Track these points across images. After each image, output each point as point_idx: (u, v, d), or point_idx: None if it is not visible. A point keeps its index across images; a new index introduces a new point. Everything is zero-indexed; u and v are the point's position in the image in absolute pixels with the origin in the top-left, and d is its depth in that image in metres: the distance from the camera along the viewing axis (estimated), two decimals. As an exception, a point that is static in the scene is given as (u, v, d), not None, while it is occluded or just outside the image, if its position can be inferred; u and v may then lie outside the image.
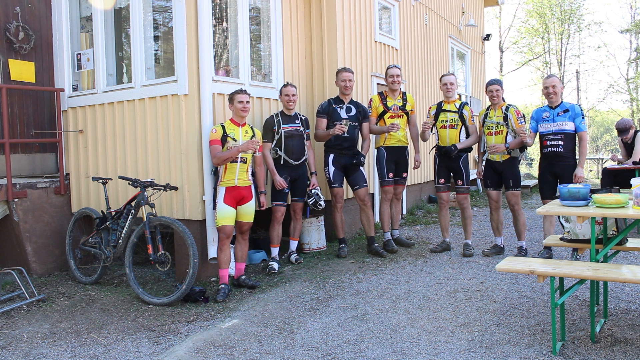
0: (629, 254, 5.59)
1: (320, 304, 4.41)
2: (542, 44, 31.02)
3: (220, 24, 5.78)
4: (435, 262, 5.73)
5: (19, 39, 6.19)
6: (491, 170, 5.88)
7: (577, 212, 3.67)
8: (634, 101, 31.08)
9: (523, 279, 4.90)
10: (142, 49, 5.46)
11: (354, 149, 5.95)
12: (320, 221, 6.30)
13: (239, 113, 4.88)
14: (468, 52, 12.41)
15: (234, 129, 4.89)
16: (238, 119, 4.92)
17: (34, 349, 3.70)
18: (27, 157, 6.42)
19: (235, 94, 4.90)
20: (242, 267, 5.04)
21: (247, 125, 4.98)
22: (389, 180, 6.25)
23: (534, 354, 3.31)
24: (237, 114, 4.90)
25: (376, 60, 7.76)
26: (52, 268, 5.68)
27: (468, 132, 6.05)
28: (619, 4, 53.00)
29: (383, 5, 8.15)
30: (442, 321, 3.94)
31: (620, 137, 8.15)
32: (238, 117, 4.92)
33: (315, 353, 3.46)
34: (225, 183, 4.82)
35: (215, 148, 4.79)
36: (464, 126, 6.03)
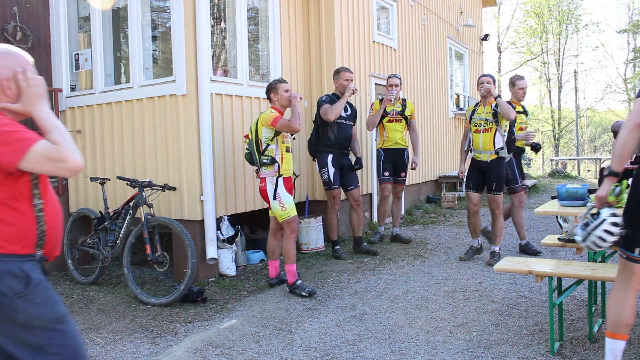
0: (627, 254, 5.59)
1: (318, 304, 4.41)
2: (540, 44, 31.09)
3: (219, 24, 5.78)
4: (433, 262, 5.73)
5: (16, 39, 6.18)
6: (475, 171, 5.63)
7: (575, 212, 3.67)
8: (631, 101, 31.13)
9: (521, 279, 4.90)
10: (140, 49, 5.46)
11: (349, 149, 6.04)
12: (318, 221, 6.31)
13: (283, 102, 4.79)
14: (466, 52, 12.42)
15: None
16: (283, 108, 4.83)
17: (32, 350, 3.69)
18: (25, 158, 6.40)
19: (280, 82, 4.82)
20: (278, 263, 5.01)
21: None
22: (385, 178, 6.54)
23: (532, 354, 3.32)
24: (283, 103, 4.80)
25: (374, 60, 7.77)
26: (50, 268, 5.67)
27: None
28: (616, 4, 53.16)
29: (381, 6, 8.16)
30: (440, 321, 3.95)
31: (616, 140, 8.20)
32: (284, 107, 4.83)
33: (313, 353, 3.46)
34: (283, 173, 4.71)
35: (282, 120, 4.61)
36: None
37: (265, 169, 4.69)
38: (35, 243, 1.98)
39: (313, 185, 6.74)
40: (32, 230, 1.96)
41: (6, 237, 1.90)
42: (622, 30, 31.96)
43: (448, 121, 11.05)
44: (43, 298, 1.97)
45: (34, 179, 1.96)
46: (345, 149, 5.95)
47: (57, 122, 1.96)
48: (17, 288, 1.91)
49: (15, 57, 2.01)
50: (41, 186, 1.99)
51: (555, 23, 30.45)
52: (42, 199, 1.99)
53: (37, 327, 1.93)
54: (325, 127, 5.82)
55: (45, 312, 1.96)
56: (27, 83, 1.98)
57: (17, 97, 1.98)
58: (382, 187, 6.60)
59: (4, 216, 1.90)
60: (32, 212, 1.96)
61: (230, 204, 5.48)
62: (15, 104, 1.98)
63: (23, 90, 1.97)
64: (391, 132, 6.51)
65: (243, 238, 5.89)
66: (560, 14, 30.29)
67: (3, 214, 1.90)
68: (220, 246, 5.31)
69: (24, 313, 1.91)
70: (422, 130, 9.10)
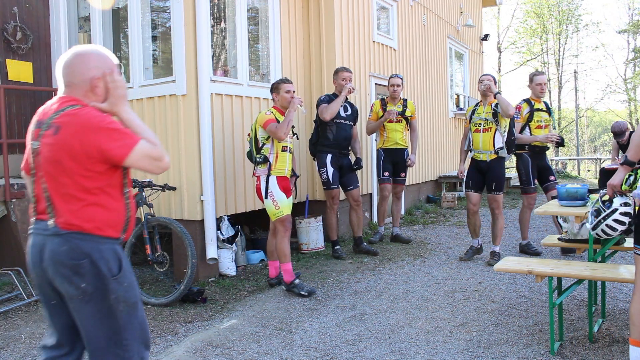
0: (627, 254, 5.60)
1: (318, 304, 4.41)
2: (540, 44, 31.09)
3: (219, 24, 5.78)
4: (433, 262, 5.73)
5: (16, 39, 6.18)
6: (475, 171, 5.63)
7: (575, 212, 3.68)
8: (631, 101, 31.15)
9: (521, 279, 4.90)
10: (140, 49, 5.46)
11: (349, 149, 6.02)
12: (318, 221, 6.30)
13: (285, 103, 4.80)
14: (466, 52, 12.42)
15: (280, 118, 4.81)
16: (284, 108, 4.83)
17: (32, 350, 3.70)
18: (25, 158, 6.41)
19: (283, 82, 4.83)
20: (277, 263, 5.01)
21: None
22: (385, 178, 6.55)
23: (532, 354, 3.32)
24: (284, 103, 4.81)
25: (374, 60, 7.77)
26: (50, 268, 5.66)
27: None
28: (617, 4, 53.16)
29: (381, 6, 8.16)
30: (440, 321, 3.95)
31: (616, 140, 8.18)
32: (285, 107, 4.83)
33: (313, 353, 3.46)
34: (276, 172, 4.72)
35: (272, 125, 4.64)
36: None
37: (260, 168, 4.74)
38: (122, 228, 2.16)
39: (313, 185, 6.74)
40: (123, 215, 2.15)
41: (105, 221, 2.08)
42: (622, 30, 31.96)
43: (448, 121, 11.05)
44: (129, 282, 2.14)
45: (124, 170, 2.14)
46: (345, 149, 5.94)
47: (143, 124, 2.18)
48: (113, 270, 2.07)
49: (105, 59, 2.14)
50: (128, 177, 2.19)
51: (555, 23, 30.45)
52: (128, 188, 2.18)
53: (121, 310, 2.09)
54: (324, 127, 5.81)
55: (129, 296, 2.12)
56: (114, 85, 2.13)
57: (104, 97, 2.14)
58: (382, 187, 6.60)
59: (104, 202, 2.08)
60: (123, 199, 2.16)
61: (230, 204, 5.48)
62: (102, 103, 2.13)
63: (110, 91, 2.12)
64: (391, 132, 6.51)
65: (243, 238, 5.89)
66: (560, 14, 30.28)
67: (103, 200, 2.08)
68: (220, 246, 5.31)
69: (115, 294, 2.07)
70: (422, 130, 9.10)
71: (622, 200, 2.81)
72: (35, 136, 2.10)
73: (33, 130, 2.12)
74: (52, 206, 2.06)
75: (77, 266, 2.01)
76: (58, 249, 2.03)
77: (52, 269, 2.05)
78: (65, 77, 2.12)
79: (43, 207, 2.09)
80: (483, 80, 5.60)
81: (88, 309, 2.06)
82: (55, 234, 2.03)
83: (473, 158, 5.68)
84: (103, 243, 2.07)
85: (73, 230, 2.03)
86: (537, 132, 5.80)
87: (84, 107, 2.06)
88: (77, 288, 2.03)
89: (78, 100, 2.09)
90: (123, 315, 2.10)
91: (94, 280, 2.03)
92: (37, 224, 2.11)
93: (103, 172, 2.05)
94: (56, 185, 2.05)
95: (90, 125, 2.01)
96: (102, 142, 2.00)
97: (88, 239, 2.04)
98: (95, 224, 2.05)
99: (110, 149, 2.00)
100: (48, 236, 2.05)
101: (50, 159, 2.04)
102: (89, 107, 2.08)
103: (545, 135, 5.76)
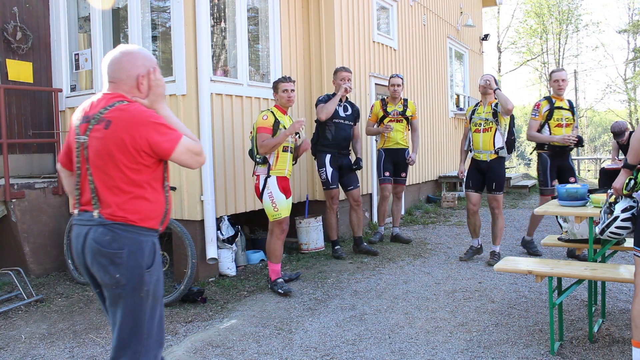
0: (627, 254, 5.60)
1: (318, 304, 4.41)
2: (540, 44, 31.08)
3: (219, 24, 5.77)
4: (433, 262, 5.73)
5: (16, 39, 6.18)
6: (475, 171, 5.61)
7: (575, 212, 3.68)
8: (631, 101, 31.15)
9: (521, 279, 4.90)
10: (140, 49, 5.45)
11: (349, 149, 6.00)
12: (318, 221, 6.30)
13: (284, 102, 4.81)
14: (466, 52, 12.42)
15: (282, 117, 4.81)
16: (284, 107, 4.85)
17: (32, 350, 3.70)
18: (25, 158, 6.41)
19: (281, 82, 4.83)
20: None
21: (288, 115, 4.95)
22: (385, 178, 6.55)
23: (532, 354, 3.32)
24: (282, 102, 4.83)
25: (374, 60, 7.77)
26: (50, 268, 5.67)
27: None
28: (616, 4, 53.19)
29: (381, 6, 8.16)
30: (440, 321, 3.95)
31: (616, 140, 8.18)
32: (285, 106, 4.85)
33: (313, 353, 3.46)
34: (276, 172, 4.72)
35: (263, 136, 4.65)
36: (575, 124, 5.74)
37: (260, 167, 4.76)
38: (160, 220, 2.27)
39: (313, 185, 6.74)
40: (162, 208, 2.26)
41: (148, 212, 2.19)
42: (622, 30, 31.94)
43: (448, 121, 11.05)
44: (158, 276, 2.24)
45: (165, 164, 2.28)
46: (344, 149, 5.93)
47: (179, 121, 2.34)
48: (149, 261, 2.18)
49: (150, 58, 2.29)
50: (167, 171, 2.31)
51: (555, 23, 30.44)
52: (167, 182, 2.31)
53: (148, 303, 2.18)
54: (323, 127, 5.81)
55: (157, 290, 2.22)
56: (156, 82, 2.27)
57: (146, 94, 2.27)
58: (383, 187, 6.60)
59: (148, 195, 2.19)
60: (163, 192, 2.28)
61: (230, 204, 5.48)
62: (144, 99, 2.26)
63: (152, 88, 2.27)
64: (392, 132, 6.50)
65: (243, 238, 5.89)
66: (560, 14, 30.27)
67: (147, 192, 2.19)
68: (220, 246, 5.31)
69: (147, 287, 2.16)
70: (422, 130, 9.09)
71: (623, 205, 2.83)
72: (83, 131, 2.18)
73: (79, 125, 2.20)
74: (97, 198, 2.15)
75: (115, 255, 2.10)
76: (100, 238, 2.12)
77: (90, 257, 2.15)
78: (111, 73, 2.23)
79: (87, 199, 2.18)
80: (484, 76, 5.62)
81: (120, 299, 2.14)
82: (99, 224, 2.13)
83: (473, 158, 5.67)
84: (143, 235, 2.17)
85: (117, 221, 2.12)
86: (556, 130, 5.61)
87: (132, 103, 2.19)
88: (112, 277, 2.12)
89: (124, 97, 2.20)
90: (148, 309, 2.17)
91: (128, 272, 2.12)
92: (81, 215, 2.20)
93: (149, 165, 2.17)
94: (104, 177, 2.14)
95: (140, 120, 2.12)
96: (151, 136, 2.12)
97: (130, 229, 2.14)
98: (140, 215, 2.16)
99: (158, 143, 2.13)
100: (92, 226, 2.14)
101: (100, 152, 2.13)
102: (136, 102, 2.20)
103: (562, 136, 5.53)
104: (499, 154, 5.48)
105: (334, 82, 5.91)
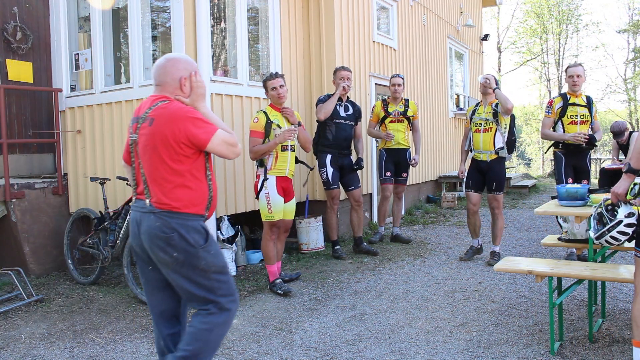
0: (627, 254, 5.60)
1: (318, 304, 4.41)
2: (540, 44, 31.04)
3: (219, 24, 5.78)
4: (433, 262, 5.73)
5: (16, 39, 6.18)
6: (475, 171, 5.60)
7: (575, 212, 3.68)
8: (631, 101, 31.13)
9: (521, 279, 4.90)
10: (140, 49, 5.46)
11: (350, 149, 5.99)
12: (318, 221, 6.30)
13: (276, 100, 4.76)
14: (466, 52, 12.42)
15: (277, 115, 4.75)
16: (277, 105, 4.80)
17: (32, 350, 3.70)
18: (25, 158, 6.41)
19: (267, 80, 4.76)
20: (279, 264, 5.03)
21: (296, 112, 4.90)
22: (387, 178, 6.55)
23: (532, 354, 3.32)
24: (274, 101, 4.78)
25: (374, 60, 7.77)
26: (50, 268, 5.67)
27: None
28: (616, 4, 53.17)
29: (381, 6, 8.16)
30: (440, 321, 3.95)
31: (616, 140, 8.18)
32: (277, 104, 4.80)
33: (313, 353, 3.46)
34: (275, 172, 4.68)
35: (254, 141, 4.60)
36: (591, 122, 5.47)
37: (259, 168, 4.76)
38: (206, 206, 2.56)
39: (313, 185, 6.74)
40: (206, 195, 2.54)
41: (191, 199, 2.47)
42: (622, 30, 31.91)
43: (448, 121, 11.05)
44: (215, 250, 2.56)
45: (206, 155, 2.54)
46: (345, 149, 5.92)
47: (218, 117, 2.64)
48: (200, 241, 2.48)
49: (191, 63, 2.61)
50: (209, 162, 2.57)
51: (555, 23, 30.40)
52: (209, 171, 2.56)
53: (212, 272, 2.50)
54: (324, 126, 5.81)
55: (217, 261, 2.54)
56: (197, 84, 2.58)
57: (188, 93, 2.58)
58: (384, 187, 6.60)
59: (189, 183, 2.47)
60: (206, 181, 2.55)
61: (230, 204, 5.48)
62: (186, 99, 2.56)
63: (193, 89, 2.58)
64: (393, 133, 6.48)
65: (243, 238, 5.89)
66: (560, 14, 30.24)
67: (189, 181, 2.47)
68: (221, 246, 5.31)
69: (204, 261, 2.48)
70: (422, 130, 9.08)
71: (626, 210, 2.79)
72: (134, 129, 2.52)
73: (131, 125, 2.55)
74: (148, 188, 2.47)
75: (169, 238, 2.41)
76: (153, 224, 2.43)
77: (148, 241, 2.46)
78: (157, 77, 2.55)
79: (142, 189, 2.52)
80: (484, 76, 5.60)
81: (182, 273, 2.46)
82: (150, 212, 2.45)
83: (473, 158, 5.67)
84: (189, 219, 2.46)
85: (164, 209, 2.43)
86: (570, 128, 5.42)
87: (172, 102, 2.49)
88: (171, 256, 2.43)
89: (166, 97, 2.52)
90: (214, 275, 2.50)
91: (183, 251, 2.43)
92: (136, 202, 2.55)
93: (189, 156, 2.44)
94: (151, 169, 2.45)
95: (179, 115, 2.42)
96: (189, 129, 2.40)
97: (177, 216, 2.44)
98: (183, 202, 2.44)
99: (196, 134, 2.41)
100: (144, 213, 2.47)
101: (147, 147, 2.45)
102: (176, 101, 2.51)
103: (573, 134, 5.34)
104: (499, 154, 5.48)
105: (334, 81, 5.91)
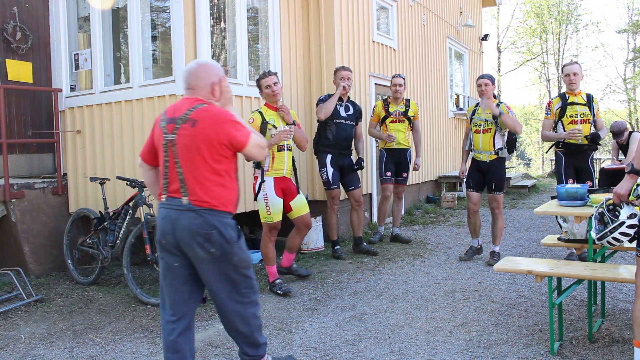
0: (627, 254, 5.60)
1: (318, 304, 4.41)
2: (540, 44, 31.05)
3: (218, 24, 5.78)
4: (433, 262, 5.73)
5: (16, 39, 6.18)
6: (475, 171, 5.61)
7: (575, 212, 3.68)
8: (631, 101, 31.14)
9: (521, 279, 4.90)
10: (139, 49, 5.46)
11: (350, 149, 5.99)
12: (318, 221, 6.30)
13: (271, 99, 4.71)
14: (466, 52, 12.42)
15: (272, 114, 4.71)
16: (273, 103, 4.75)
17: (32, 350, 3.70)
18: (25, 158, 6.41)
19: (260, 79, 4.71)
20: (293, 257, 5.03)
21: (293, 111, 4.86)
22: (387, 178, 6.55)
23: (532, 354, 3.32)
24: (269, 99, 4.74)
25: (374, 60, 7.76)
26: (49, 268, 5.67)
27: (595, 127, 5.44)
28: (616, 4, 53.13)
29: (381, 6, 8.16)
30: (440, 321, 3.95)
31: (616, 140, 8.19)
32: (272, 102, 4.75)
33: (313, 353, 3.46)
34: (273, 173, 4.65)
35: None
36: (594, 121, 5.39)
37: (256, 169, 4.75)
38: (235, 204, 2.71)
39: (313, 185, 6.74)
40: (237, 194, 2.71)
41: (228, 198, 2.64)
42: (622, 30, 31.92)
43: (448, 121, 11.05)
44: (244, 247, 2.73)
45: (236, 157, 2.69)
46: (345, 149, 5.91)
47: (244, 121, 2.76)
48: (234, 237, 2.65)
49: (220, 69, 2.75)
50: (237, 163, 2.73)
51: (555, 23, 30.41)
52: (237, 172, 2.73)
53: (242, 267, 2.69)
54: (324, 126, 5.80)
55: (247, 257, 2.72)
56: (226, 89, 2.73)
57: (219, 97, 2.71)
58: (384, 187, 6.60)
59: (226, 183, 2.63)
60: (236, 181, 2.71)
61: (230, 204, 5.47)
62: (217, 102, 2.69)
63: (223, 93, 2.72)
64: (394, 133, 6.48)
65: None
66: (560, 14, 30.24)
67: (226, 181, 2.63)
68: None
69: (237, 257, 2.66)
70: (422, 130, 9.09)
71: (628, 211, 2.77)
72: (171, 130, 2.61)
73: (166, 126, 2.64)
74: (185, 187, 2.58)
75: (209, 235, 2.55)
76: (193, 222, 2.54)
77: (187, 237, 2.56)
78: (190, 81, 2.68)
79: (176, 188, 2.60)
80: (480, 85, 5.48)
81: (215, 268, 2.62)
82: (189, 209, 2.56)
83: (474, 158, 5.67)
84: (226, 217, 2.62)
85: (204, 206, 2.56)
86: (570, 127, 5.37)
87: (212, 105, 2.63)
88: (207, 252, 2.57)
89: (203, 100, 2.64)
90: (243, 271, 2.69)
91: (220, 247, 2.58)
92: (169, 200, 2.63)
93: (228, 156, 2.60)
94: (192, 168, 2.57)
95: (222, 118, 2.58)
96: (231, 132, 2.56)
97: (216, 214, 2.58)
98: (221, 200, 2.60)
99: (236, 137, 2.57)
100: (182, 211, 2.57)
101: (189, 147, 2.56)
102: (215, 105, 2.64)
103: (567, 132, 5.33)
104: (499, 155, 5.48)
105: (334, 81, 5.90)
